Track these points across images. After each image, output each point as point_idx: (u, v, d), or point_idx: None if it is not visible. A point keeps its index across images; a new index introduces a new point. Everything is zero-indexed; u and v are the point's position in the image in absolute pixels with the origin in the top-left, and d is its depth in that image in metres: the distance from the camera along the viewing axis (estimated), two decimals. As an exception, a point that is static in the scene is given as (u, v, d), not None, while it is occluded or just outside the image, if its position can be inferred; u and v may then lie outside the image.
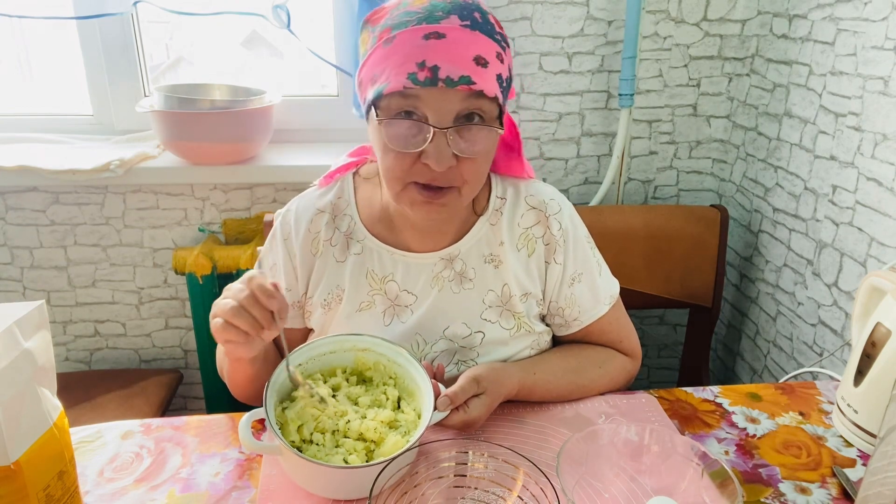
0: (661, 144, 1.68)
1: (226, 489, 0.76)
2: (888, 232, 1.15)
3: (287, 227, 0.93)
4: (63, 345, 1.71)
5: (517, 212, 0.93)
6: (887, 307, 0.82)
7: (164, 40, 1.93)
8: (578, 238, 0.95)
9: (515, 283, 0.91)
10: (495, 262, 0.91)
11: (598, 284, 0.96)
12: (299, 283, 0.93)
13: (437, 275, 0.91)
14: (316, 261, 0.92)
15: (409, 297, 0.91)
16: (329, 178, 0.96)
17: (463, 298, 0.91)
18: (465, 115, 0.77)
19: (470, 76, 0.75)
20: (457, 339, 0.91)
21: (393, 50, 0.76)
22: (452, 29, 0.75)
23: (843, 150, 1.26)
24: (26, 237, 1.61)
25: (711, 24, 1.57)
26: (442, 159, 0.77)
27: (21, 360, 0.62)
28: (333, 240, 0.92)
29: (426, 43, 0.74)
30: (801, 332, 1.41)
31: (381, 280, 0.91)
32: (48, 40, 1.86)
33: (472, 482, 0.71)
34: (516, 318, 0.92)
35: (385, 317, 0.91)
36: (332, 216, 0.93)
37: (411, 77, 0.74)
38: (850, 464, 0.81)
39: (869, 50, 1.18)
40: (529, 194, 0.94)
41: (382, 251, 0.91)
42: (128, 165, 1.46)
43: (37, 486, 0.63)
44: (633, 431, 0.75)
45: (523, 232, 0.93)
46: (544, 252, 0.93)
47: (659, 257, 1.52)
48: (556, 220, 0.93)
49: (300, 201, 0.95)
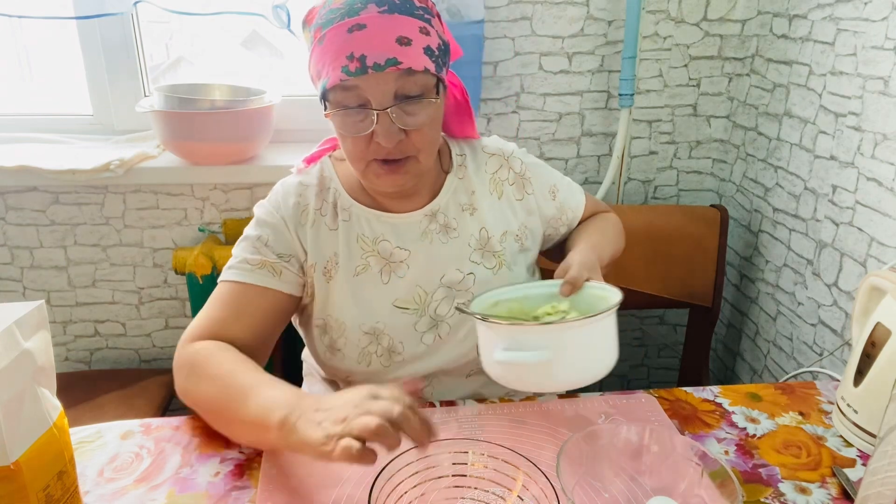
0: (661, 144, 1.68)
1: (226, 489, 0.76)
2: (888, 232, 1.15)
3: (276, 204, 0.96)
4: (63, 345, 1.71)
5: (479, 162, 1.03)
6: (887, 307, 0.82)
7: (164, 40, 1.93)
8: (534, 164, 1.07)
9: (491, 225, 1.00)
10: (470, 209, 1.00)
11: (568, 184, 1.11)
12: (298, 248, 0.95)
13: (424, 229, 0.98)
14: (308, 231, 0.95)
15: (403, 253, 0.96)
16: (308, 162, 1.02)
17: (451, 247, 0.98)
18: (403, 91, 0.84)
19: (395, 57, 0.81)
20: (453, 284, 0.97)
21: (326, 47, 0.83)
22: (371, 18, 0.81)
23: (843, 150, 1.26)
24: (26, 237, 1.61)
25: (711, 24, 1.57)
26: (390, 136, 0.84)
27: (21, 360, 0.62)
28: (323, 209, 0.96)
29: (351, 36, 0.81)
30: (801, 332, 1.41)
31: (372, 242, 0.96)
32: (48, 40, 1.86)
33: (472, 482, 0.71)
34: (496, 258, 1.00)
35: (382, 275, 0.96)
36: (319, 188, 0.98)
37: (344, 70, 0.81)
38: (850, 464, 0.81)
39: (869, 50, 1.18)
40: (483, 146, 1.05)
41: (370, 216, 0.97)
42: (128, 165, 1.46)
43: (36, 486, 0.63)
44: (633, 431, 0.75)
45: (490, 177, 1.03)
46: (514, 192, 1.03)
47: (659, 257, 1.52)
48: (516, 159, 1.05)
49: (284, 183, 0.99)
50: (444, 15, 1.42)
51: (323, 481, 0.76)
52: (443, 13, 1.42)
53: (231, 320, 0.89)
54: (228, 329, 0.88)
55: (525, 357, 0.73)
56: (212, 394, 0.81)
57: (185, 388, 0.85)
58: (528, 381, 0.77)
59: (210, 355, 0.84)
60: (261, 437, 0.77)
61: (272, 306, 0.92)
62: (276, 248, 0.94)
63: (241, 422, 0.76)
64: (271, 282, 0.92)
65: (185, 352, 0.87)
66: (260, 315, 0.91)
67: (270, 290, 0.92)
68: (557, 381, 0.76)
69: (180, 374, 0.86)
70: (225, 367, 0.82)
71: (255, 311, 0.91)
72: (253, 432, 0.77)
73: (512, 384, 0.78)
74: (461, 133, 1.05)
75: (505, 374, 0.78)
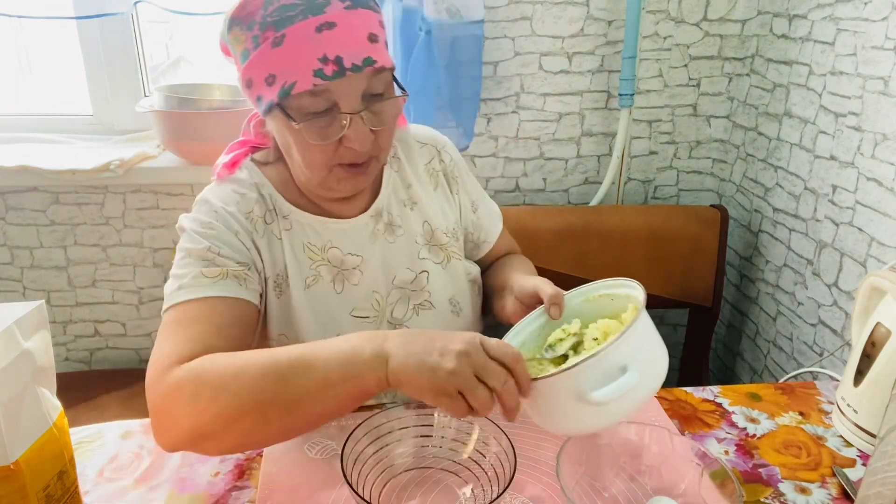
0: (661, 144, 1.68)
1: (225, 489, 0.76)
2: (888, 232, 1.15)
3: (214, 213, 0.83)
4: (63, 345, 1.71)
5: (412, 152, 0.99)
6: (887, 307, 0.82)
7: (164, 40, 1.93)
8: (463, 167, 1.03)
9: (433, 217, 0.97)
10: (411, 204, 0.96)
11: (488, 204, 1.07)
12: (255, 257, 0.85)
13: (372, 231, 0.92)
14: (260, 240, 0.86)
15: (355, 259, 0.91)
16: (229, 167, 0.90)
17: (399, 245, 0.94)
18: (370, 91, 0.79)
19: (370, 56, 0.76)
20: (406, 284, 0.93)
21: (287, 49, 0.75)
22: (339, 15, 0.75)
23: (843, 150, 1.26)
24: (26, 237, 1.61)
25: (711, 24, 1.57)
26: (364, 140, 0.79)
27: (21, 360, 0.62)
28: (267, 217, 0.88)
29: (320, 35, 0.74)
30: (801, 332, 1.40)
31: (321, 250, 0.89)
32: (48, 40, 1.86)
33: (437, 441, 0.77)
34: (443, 250, 0.96)
35: (335, 285, 0.90)
36: (258, 194, 0.88)
37: (318, 73, 0.74)
38: (849, 464, 0.81)
39: (869, 50, 1.18)
40: (415, 135, 1.00)
41: (314, 223, 0.89)
42: (128, 165, 1.46)
43: (36, 486, 0.63)
44: (633, 431, 0.75)
45: (424, 167, 0.99)
46: (447, 184, 1.00)
47: (659, 257, 1.52)
48: (447, 153, 1.01)
49: (213, 192, 0.87)
50: (443, 15, 1.42)
51: (323, 481, 0.76)
52: (443, 13, 1.42)
53: (212, 335, 0.74)
54: (212, 346, 0.73)
55: (626, 382, 0.63)
56: (251, 387, 0.66)
57: (198, 409, 0.67)
58: (626, 407, 0.65)
59: (215, 359, 0.69)
60: (349, 392, 0.66)
61: (248, 319, 0.80)
62: (232, 256, 0.81)
63: (312, 391, 0.65)
64: (239, 291, 0.79)
65: (177, 375, 0.68)
66: (239, 329, 0.78)
67: (240, 301, 0.79)
68: (649, 391, 0.67)
69: (180, 401, 0.67)
70: (247, 357, 0.68)
71: (231, 324, 0.77)
72: (333, 391, 0.65)
73: (610, 421, 0.67)
74: None
75: (601, 416, 0.66)
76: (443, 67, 1.43)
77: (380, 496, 0.72)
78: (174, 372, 0.69)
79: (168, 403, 0.69)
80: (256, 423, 0.67)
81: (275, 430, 0.69)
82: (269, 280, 0.86)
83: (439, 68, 1.42)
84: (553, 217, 1.51)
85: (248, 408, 0.66)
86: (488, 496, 0.69)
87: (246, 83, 0.81)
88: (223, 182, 0.89)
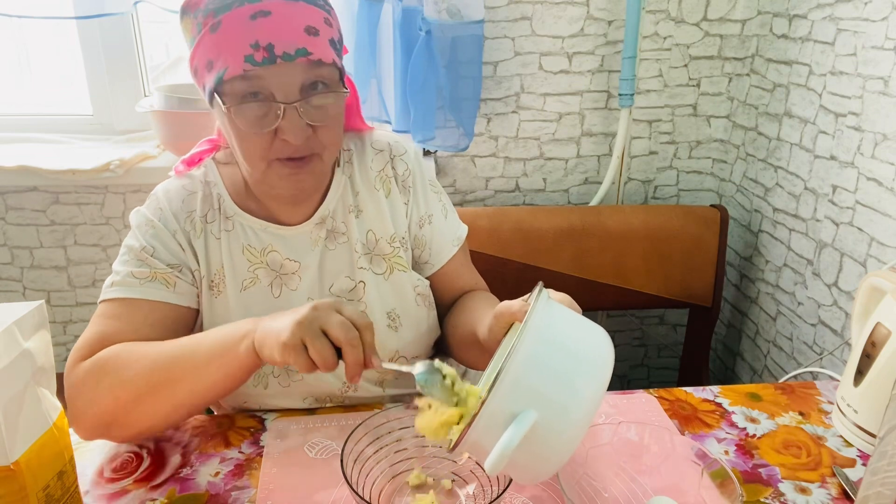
0: (661, 144, 1.68)
1: (226, 489, 0.76)
2: (888, 232, 1.15)
3: (158, 211, 0.88)
4: (63, 345, 1.71)
5: (365, 158, 0.96)
6: (887, 307, 0.82)
7: (164, 40, 1.93)
8: (424, 181, 0.98)
9: (378, 226, 0.94)
10: (356, 211, 0.94)
11: (448, 227, 1.00)
12: (189, 258, 0.88)
13: (314, 238, 0.92)
14: (197, 240, 0.88)
15: (294, 265, 0.91)
16: (189, 164, 0.94)
17: (339, 253, 0.92)
18: (309, 84, 0.79)
19: (305, 47, 0.76)
20: (343, 293, 0.92)
21: (222, 35, 0.76)
22: (276, 5, 0.76)
23: (843, 150, 1.26)
24: (26, 237, 1.61)
25: (711, 24, 1.57)
26: (298, 132, 0.79)
27: (21, 360, 0.62)
28: (209, 216, 0.90)
29: (254, 23, 0.75)
30: (801, 332, 1.41)
31: (260, 253, 0.90)
32: (48, 40, 1.86)
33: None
34: (386, 261, 0.94)
35: (273, 289, 0.90)
36: (204, 193, 0.91)
37: (249, 59, 0.75)
38: (850, 464, 0.81)
39: (869, 50, 1.18)
40: (374, 140, 0.98)
41: (256, 226, 0.90)
42: (128, 165, 1.46)
43: (36, 486, 0.63)
44: (633, 431, 0.75)
45: (377, 174, 0.95)
46: (398, 193, 0.96)
47: (659, 257, 1.52)
48: (402, 161, 0.96)
49: (165, 188, 0.91)
50: (444, 15, 1.43)
51: (323, 481, 0.76)
52: (443, 13, 1.43)
53: (128, 335, 0.80)
54: (126, 340, 0.80)
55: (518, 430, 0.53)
56: (143, 372, 0.74)
57: (99, 398, 0.75)
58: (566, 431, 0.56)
59: (122, 348, 0.77)
60: (226, 365, 0.73)
61: (173, 322, 0.85)
62: (165, 257, 0.86)
63: (198, 366, 0.73)
64: (165, 294, 0.84)
65: (83, 367, 0.78)
66: (161, 330, 0.83)
67: (166, 305, 0.84)
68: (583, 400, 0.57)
69: (86, 386, 0.76)
70: (151, 345, 0.77)
71: (153, 325, 0.82)
72: (215, 366, 0.73)
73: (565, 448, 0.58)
74: (349, 124, 0.97)
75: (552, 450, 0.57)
76: (443, 67, 1.43)
77: (380, 496, 0.72)
78: (81, 365, 0.78)
79: (74, 394, 0.77)
80: (153, 405, 0.76)
81: (170, 409, 0.77)
82: (203, 280, 0.89)
83: (439, 68, 1.42)
84: (553, 217, 1.51)
85: (144, 392, 0.75)
86: (488, 496, 0.69)
87: (193, 71, 0.83)
88: (178, 178, 0.93)
